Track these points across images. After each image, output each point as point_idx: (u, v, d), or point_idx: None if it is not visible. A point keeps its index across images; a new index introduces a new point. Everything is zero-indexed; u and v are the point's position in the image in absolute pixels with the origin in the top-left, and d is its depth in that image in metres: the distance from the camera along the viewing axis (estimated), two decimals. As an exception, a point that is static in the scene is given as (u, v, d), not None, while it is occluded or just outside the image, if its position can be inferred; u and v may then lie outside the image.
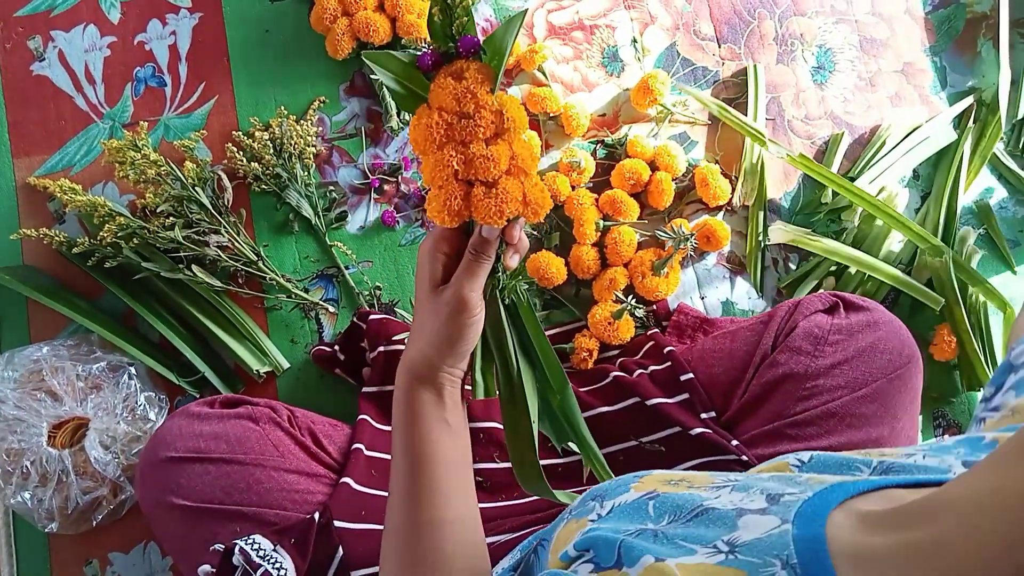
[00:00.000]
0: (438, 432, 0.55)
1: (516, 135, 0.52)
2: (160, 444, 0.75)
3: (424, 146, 0.52)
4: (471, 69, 0.50)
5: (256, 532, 0.71)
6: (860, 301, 0.79)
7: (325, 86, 1.03)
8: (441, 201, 0.52)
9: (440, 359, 0.55)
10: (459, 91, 0.50)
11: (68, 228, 1.00)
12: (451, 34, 0.51)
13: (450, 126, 0.51)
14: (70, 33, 1.05)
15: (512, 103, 0.51)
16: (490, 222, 0.52)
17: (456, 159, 0.51)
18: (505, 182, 0.52)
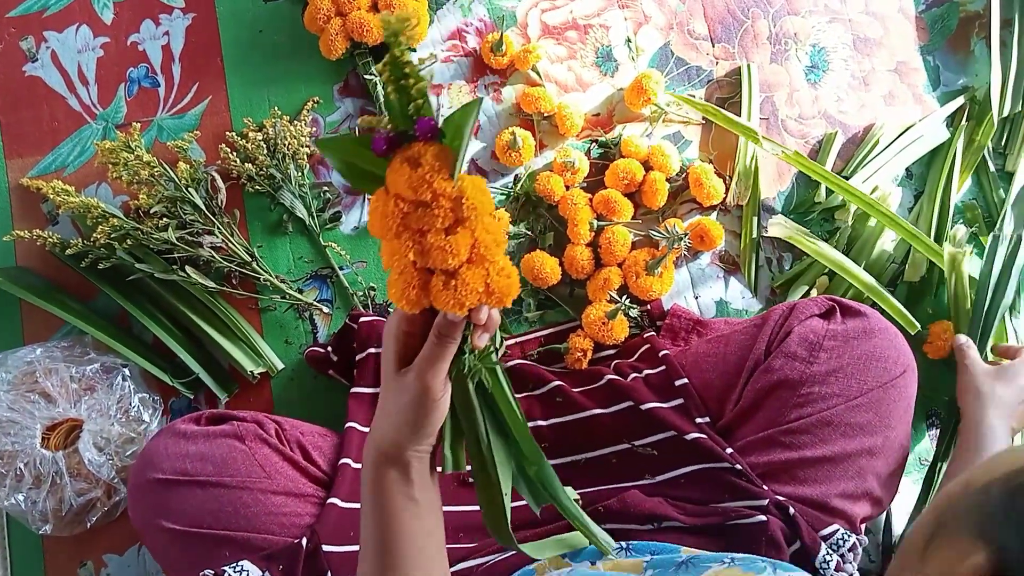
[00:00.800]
0: (405, 510, 0.54)
1: (479, 220, 0.49)
2: (147, 465, 0.75)
3: (381, 232, 0.50)
4: (428, 154, 0.47)
5: (244, 557, 0.71)
6: (856, 306, 0.79)
7: (319, 86, 1.03)
8: (399, 288, 0.50)
9: (404, 440, 0.54)
10: (414, 180, 0.47)
11: (61, 229, 1.00)
12: (408, 114, 0.48)
13: (406, 215, 0.48)
14: (63, 34, 1.05)
15: (474, 187, 0.48)
16: (451, 312, 0.50)
17: (412, 249, 0.49)
18: (466, 272, 0.49)
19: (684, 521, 0.74)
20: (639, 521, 0.75)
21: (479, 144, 1.02)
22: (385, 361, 0.55)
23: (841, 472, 0.73)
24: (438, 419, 0.54)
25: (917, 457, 0.97)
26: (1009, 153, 1.02)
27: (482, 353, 0.55)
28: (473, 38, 1.04)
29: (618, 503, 0.76)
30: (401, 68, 0.46)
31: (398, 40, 0.46)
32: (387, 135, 0.48)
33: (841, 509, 0.73)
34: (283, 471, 0.77)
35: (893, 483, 0.77)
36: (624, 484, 0.81)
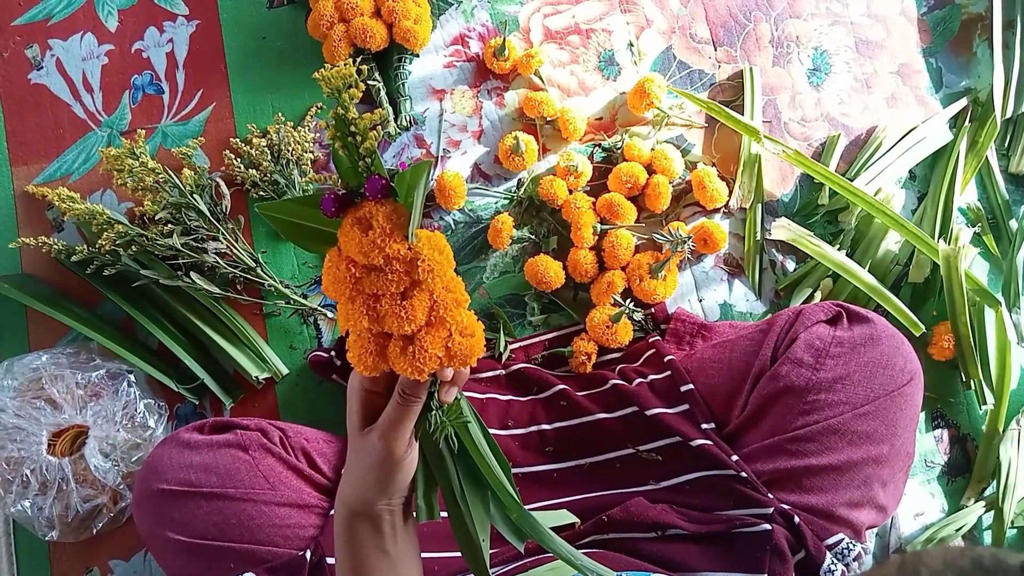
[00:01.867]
0: (376, 561, 0.54)
1: (437, 280, 0.46)
2: (152, 475, 0.75)
3: (335, 294, 0.47)
4: (379, 215, 0.45)
5: (249, 569, 0.71)
6: (863, 312, 0.78)
7: (322, 92, 1.03)
8: (356, 353, 0.48)
9: (372, 498, 0.53)
10: (365, 244, 0.44)
11: (66, 236, 1.01)
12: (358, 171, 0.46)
13: (358, 280, 0.46)
14: (68, 41, 1.05)
15: (430, 247, 0.45)
16: (411, 377, 0.47)
17: (367, 316, 0.46)
18: (424, 337, 0.46)
19: (688, 529, 0.74)
20: (643, 529, 0.75)
21: (483, 149, 1.02)
22: (349, 420, 0.54)
23: (847, 481, 0.73)
24: (404, 478, 0.53)
25: (923, 459, 0.96)
26: (1012, 154, 1.02)
27: (451, 408, 0.53)
28: (476, 43, 1.05)
29: (622, 511, 0.75)
30: (347, 125, 0.44)
31: (341, 97, 0.44)
32: (336, 194, 0.46)
33: (847, 517, 0.73)
34: (287, 481, 0.77)
35: (898, 490, 0.77)
36: (628, 489, 0.81)
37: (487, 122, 1.03)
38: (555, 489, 0.82)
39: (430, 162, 0.48)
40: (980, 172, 1.02)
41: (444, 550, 0.77)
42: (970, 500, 0.95)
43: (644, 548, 0.73)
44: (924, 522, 0.95)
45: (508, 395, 0.91)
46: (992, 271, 1.01)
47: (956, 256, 0.92)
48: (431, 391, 0.51)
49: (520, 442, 0.86)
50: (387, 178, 0.45)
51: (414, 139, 1.02)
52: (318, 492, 0.78)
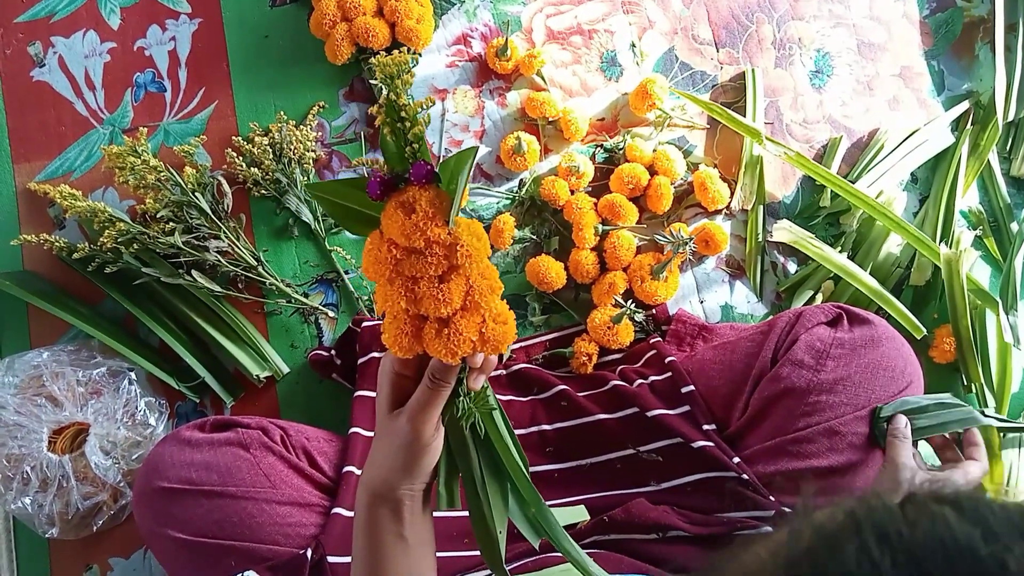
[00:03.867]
0: (394, 547, 0.55)
1: (474, 266, 0.48)
2: (152, 473, 0.75)
3: (375, 276, 0.49)
4: (423, 200, 0.46)
5: (249, 567, 0.71)
6: (863, 314, 0.78)
7: (324, 91, 1.03)
8: (392, 334, 0.49)
9: (396, 481, 0.54)
10: (408, 227, 0.46)
11: (68, 233, 1.01)
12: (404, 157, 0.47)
13: (399, 262, 0.47)
14: (70, 39, 1.05)
15: (469, 233, 0.47)
16: (443, 358, 0.49)
17: (404, 297, 0.48)
18: (459, 320, 0.48)
19: (689, 531, 0.74)
20: (644, 531, 0.75)
21: (485, 149, 1.02)
22: (378, 402, 0.54)
23: (848, 483, 0.73)
24: (430, 462, 0.54)
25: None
26: (1014, 157, 1.02)
27: (478, 396, 0.54)
28: (478, 43, 1.05)
29: (623, 512, 0.75)
30: (398, 111, 0.46)
31: (394, 84, 0.45)
32: (382, 177, 0.47)
33: None
34: (288, 480, 0.77)
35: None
36: (629, 490, 0.81)
37: (489, 122, 1.03)
38: (556, 489, 0.82)
39: (475, 149, 0.49)
40: (982, 175, 1.02)
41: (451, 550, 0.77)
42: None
43: (645, 549, 0.73)
44: (923, 524, 0.95)
45: (509, 395, 0.91)
46: (994, 274, 1.01)
47: (957, 259, 0.92)
48: (460, 377, 0.53)
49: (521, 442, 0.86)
50: (432, 164, 0.47)
51: (416, 139, 1.02)
52: (319, 491, 0.78)
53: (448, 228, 0.47)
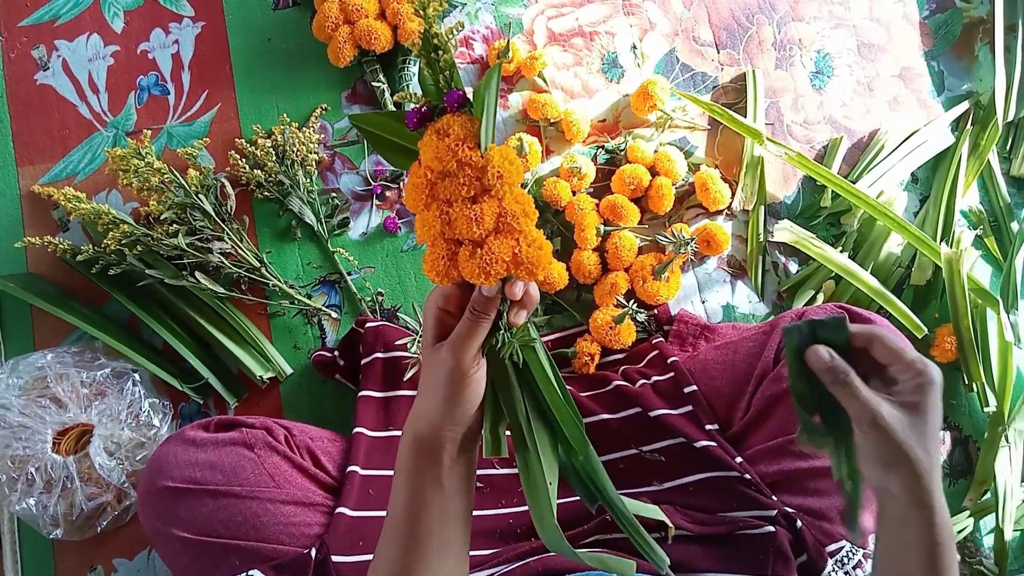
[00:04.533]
0: (431, 492, 0.55)
1: (507, 190, 0.49)
2: (157, 472, 0.75)
3: (413, 204, 0.51)
4: (455, 124, 0.48)
5: (254, 567, 0.71)
6: (866, 314, 0.78)
7: (327, 93, 1.04)
8: (430, 260, 0.51)
9: (440, 420, 0.54)
10: (440, 149, 0.48)
11: (72, 236, 1.01)
12: (439, 87, 0.49)
13: (433, 185, 0.49)
14: (74, 42, 1.06)
15: (501, 157, 0.48)
16: (478, 282, 0.50)
17: (440, 220, 0.49)
18: (492, 242, 0.49)
19: (692, 530, 0.74)
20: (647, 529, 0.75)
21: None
22: (424, 340, 0.56)
23: None
24: (472, 397, 0.53)
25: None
26: (1014, 157, 1.03)
27: (519, 330, 0.54)
28: (480, 45, 1.05)
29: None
30: (432, 42, 0.48)
31: (427, 14, 0.47)
32: (420, 109, 0.49)
33: None
34: (293, 480, 0.77)
35: None
36: (632, 490, 0.81)
37: (491, 124, 1.03)
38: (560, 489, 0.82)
39: (499, 65, 0.51)
40: (982, 175, 1.03)
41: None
42: (972, 502, 0.95)
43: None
44: (926, 524, 0.95)
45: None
46: (994, 273, 1.01)
47: (958, 259, 0.92)
48: (500, 310, 0.53)
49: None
50: (463, 90, 0.49)
51: (418, 140, 1.02)
52: (323, 490, 0.79)
53: (480, 152, 0.48)
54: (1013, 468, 0.92)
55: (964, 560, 0.95)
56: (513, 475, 0.84)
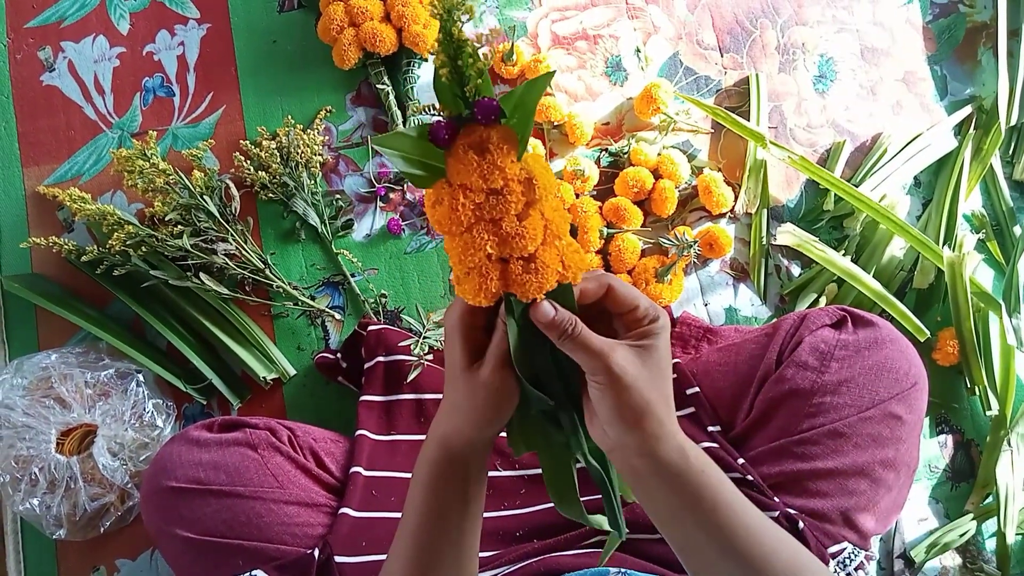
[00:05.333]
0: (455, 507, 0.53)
1: (547, 199, 0.46)
2: (161, 471, 0.75)
3: (449, 227, 0.46)
4: (495, 138, 0.44)
5: (257, 567, 0.71)
6: (868, 316, 0.78)
7: (331, 95, 1.04)
8: (476, 284, 0.47)
9: (479, 435, 0.52)
10: (485, 167, 0.44)
11: (77, 236, 1.01)
12: (463, 96, 0.44)
13: (478, 206, 0.45)
14: (80, 44, 1.06)
15: (539, 166, 0.46)
16: (532, 297, 0.47)
17: (490, 241, 0.45)
18: (543, 253, 0.47)
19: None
20: (648, 531, 0.75)
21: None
22: (452, 360, 0.52)
23: (853, 485, 0.73)
24: (511, 408, 0.52)
25: (927, 464, 0.97)
26: (1017, 162, 1.03)
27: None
28: (484, 48, 1.06)
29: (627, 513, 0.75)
30: (457, 47, 0.42)
31: (451, 17, 0.42)
32: (445, 122, 0.45)
33: (852, 522, 0.73)
34: (296, 480, 0.77)
35: (903, 495, 0.77)
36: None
37: (495, 126, 1.04)
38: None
39: (552, 74, 0.47)
40: (984, 179, 1.03)
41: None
42: (973, 506, 0.95)
43: (649, 549, 0.73)
44: (927, 527, 0.95)
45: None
46: (996, 277, 1.01)
47: (960, 262, 0.93)
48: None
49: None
50: (496, 100, 0.44)
51: (422, 143, 1.02)
52: (326, 491, 0.79)
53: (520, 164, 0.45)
54: (1015, 472, 0.92)
55: (966, 564, 0.95)
56: (516, 477, 0.84)
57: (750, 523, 0.49)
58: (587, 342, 0.48)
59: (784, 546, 0.50)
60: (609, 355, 0.47)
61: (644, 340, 0.49)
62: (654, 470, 0.48)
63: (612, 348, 0.48)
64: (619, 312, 0.51)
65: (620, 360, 0.47)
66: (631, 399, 0.47)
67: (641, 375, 0.47)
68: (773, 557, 0.48)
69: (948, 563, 0.95)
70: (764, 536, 0.49)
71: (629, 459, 0.49)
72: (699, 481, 0.49)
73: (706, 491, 0.49)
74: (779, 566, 0.49)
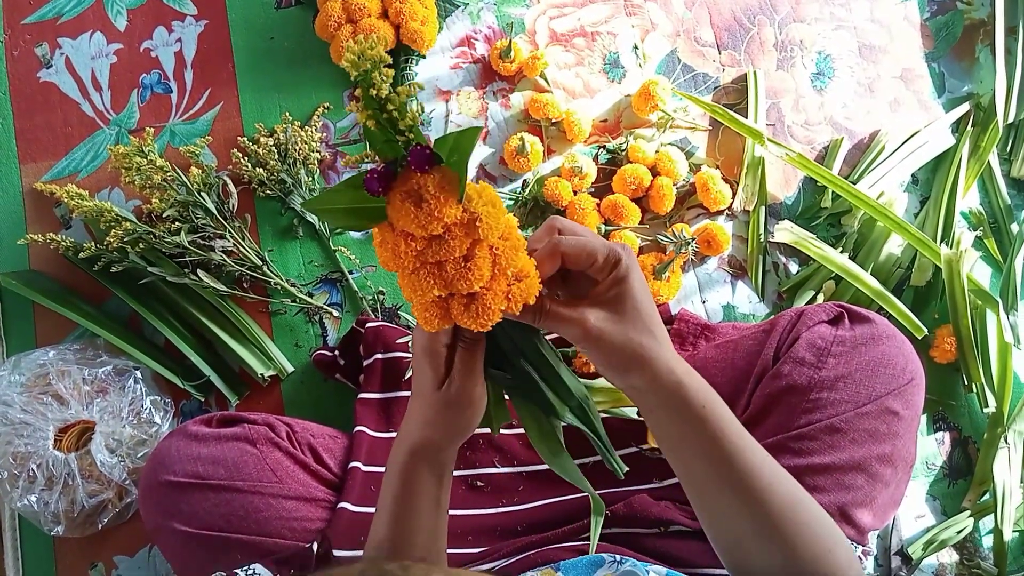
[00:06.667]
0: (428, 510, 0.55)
1: (493, 233, 0.46)
2: (159, 466, 0.76)
3: (394, 267, 0.47)
4: (430, 185, 0.43)
5: (256, 561, 0.71)
6: (865, 313, 0.78)
7: (329, 92, 1.04)
8: (422, 316, 0.48)
9: (450, 444, 0.55)
10: (423, 217, 0.43)
11: (74, 233, 1.01)
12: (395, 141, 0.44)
13: (420, 252, 0.45)
14: (77, 40, 1.06)
15: (482, 200, 0.45)
16: (478, 330, 0.48)
17: (436, 285, 0.46)
18: (488, 289, 0.47)
19: (690, 526, 0.74)
20: (645, 525, 0.75)
21: (488, 150, 1.03)
22: (422, 381, 0.53)
23: (850, 481, 0.73)
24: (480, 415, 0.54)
25: (924, 461, 0.97)
26: (1014, 159, 1.03)
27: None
28: (482, 45, 1.05)
29: (625, 507, 0.76)
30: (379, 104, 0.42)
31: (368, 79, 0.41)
32: (378, 171, 0.44)
33: (849, 517, 0.73)
34: (294, 475, 0.77)
35: (900, 491, 0.77)
36: (632, 487, 0.81)
37: (492, 123, 1.04)
38: (559, 487, 0.83)
39: (478, 129, 0.47)
40: (982, 176, 1.03)
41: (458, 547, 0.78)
42: (971, 503, 0.95)
43: (647, 544, 0.73)
44: (925, 524, 0.96)
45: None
46: (994, 275, 1.01)
47: (958, 260, 0.93)
48: None
49: (524, 441, 0.87)
50: (430, 147, 0.44)
51: (420, 139, 1.02)
52: (324, 486, 0.79)
53: (461, 205, 0.45)
54: (1012, 469, 0.92)
55: (963, 561, 0.95)
56: (514, 474, 0.84)
57: (751, 457, 0.52)
58: (559, 317, 0.50)
59: (782, 482, 0.53)
60: (583, 321, 0.49)
61: (612, 290, 0.50)
62: (656, 403, 0.52)
63: (584, 313, 0.49)
64: (580, 270, 0.52)
65: (595, 322, 0.49)
66: (617, 351, 0.50)
67: (618, 328, 0.49)
68: (770, 491, 0.51)
69: (945, 560, 0.95)
70: (763, 470, 0.52)
71: (636, 397, 0.53)
72: (701, 415, 0.51)
73: (708, 424, 0.52)
74: (776, 500, 0.52)
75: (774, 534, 0.52)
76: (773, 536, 0.51)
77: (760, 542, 0.52)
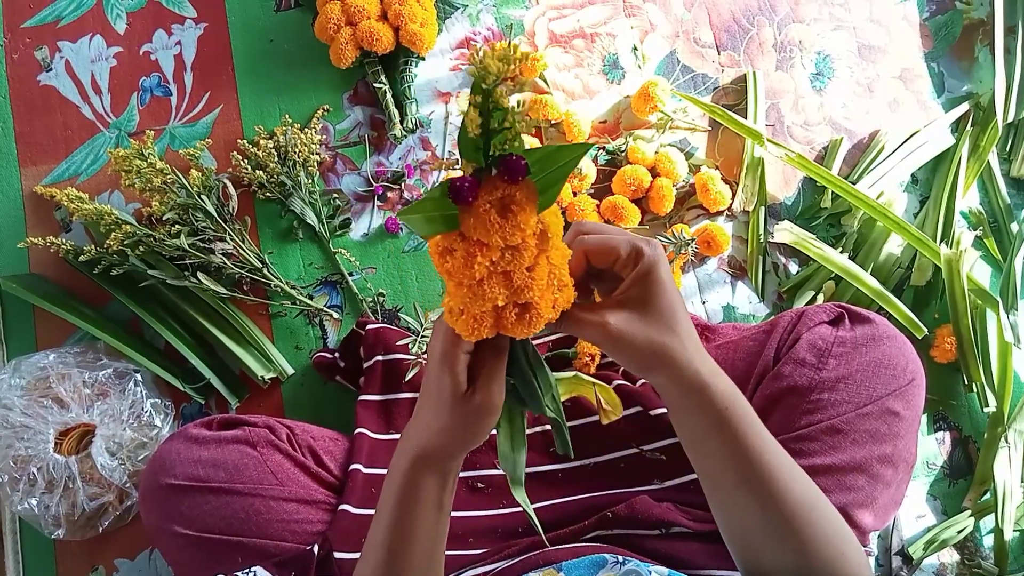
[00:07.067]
0: (431, 516, 0.54)
1: (556, 246, 0.46)
2: (160, 469, 0.75)
3: (460, 279, 0.45)
4: (519, 198, 0.42)
5: (257, 563, 0.71)
6: (865, 313, 0.78)
7: (329, 94, 1.04)
8: (470, 325, 0.47)
9: (463, 451, 0.54)
10: (507, 228, 0.42)
11: (74, 236, 1.01)
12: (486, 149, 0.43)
13: (494, 262, 0.44)
14: (77, 43, 1.06)
15: (552, 215, 0.45)
16: (521, 337, 0.48)
17: (501, 294, 0.45)
18: (539, 301, 0.46)
19: (692, 527, 0.74)
20: (647, 527, 0.75)
21: (487, 151, 1.03)
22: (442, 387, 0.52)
23: (851, 481, 0.72)
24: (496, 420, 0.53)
25: (924, 461, 0.97)
26: (1014, 158, 1.03)
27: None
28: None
29: (626, 508, 0.76)
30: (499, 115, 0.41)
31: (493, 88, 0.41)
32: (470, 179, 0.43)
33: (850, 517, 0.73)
34: (295, 477, 0.77)
35: (901, 491, 0.77)
36: (633, 489, 0.81)
37: (492, 125, 1.03)
38: (560, 488, 0.83)
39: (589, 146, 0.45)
40: (982, 176, 1.03)
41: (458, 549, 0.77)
42: (971, 503, 0.95)
43: (648, 545, 0.73)
44: (925, 524, 0.96)
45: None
46: (994, 274, 1.01)
47: (958, 259, 0.93)
48: None
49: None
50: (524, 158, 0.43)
51: (420, 141, 1.03)
52: (325, 488, 0.79)
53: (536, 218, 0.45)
54: (1013, 469, 0.92)
55: (964, 561, 0.95)
56: None
57: (771, 459, 0.52)
58: (579, 321, 0.49)
59: (800, 485, 0.53)
60: (603, 325, 0.48)
61: (636, 286, 0.49)
62: (679, 401, 0.52)
63: (604, 316, 0.49)
64: (605, 267, 0.51)
65: (615, 324, 0.48)
66: (638, 352, 0.49)
67: (639, 328, 0.49)
68: (787, 492, 0.52)
69: (946, 560, 0.95)
70: (782, 472, 0.52)
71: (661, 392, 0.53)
72: (723, 416, 0.51)
73: (730, 425, 0.52)
74: (792, 501, 0.52)
75: (788, 535, 0.52)
76: (787, 537, 0.52)
77: (774, 542, 0.52)
